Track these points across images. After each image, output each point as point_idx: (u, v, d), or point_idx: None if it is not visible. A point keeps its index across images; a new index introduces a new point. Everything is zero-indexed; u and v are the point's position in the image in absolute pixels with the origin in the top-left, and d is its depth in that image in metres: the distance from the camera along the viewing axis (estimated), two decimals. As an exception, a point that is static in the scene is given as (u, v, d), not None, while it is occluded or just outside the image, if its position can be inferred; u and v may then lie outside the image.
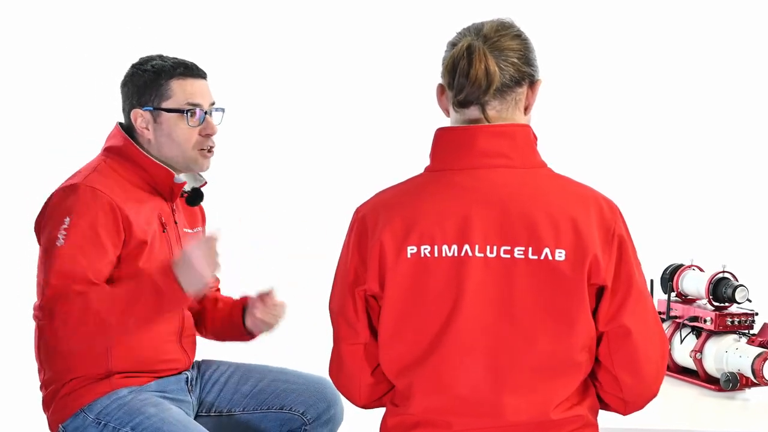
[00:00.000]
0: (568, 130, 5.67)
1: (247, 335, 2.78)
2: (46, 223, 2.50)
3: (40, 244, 2.53)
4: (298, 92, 5.82)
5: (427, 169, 2.07)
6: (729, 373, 2.65)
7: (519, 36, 2.04)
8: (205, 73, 2.66)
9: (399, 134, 5.59)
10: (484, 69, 1.98)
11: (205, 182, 2.75)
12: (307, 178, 5.84)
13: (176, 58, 2.63)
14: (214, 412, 2.75)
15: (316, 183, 5.82)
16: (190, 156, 2.62)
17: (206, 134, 2.62)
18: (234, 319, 2.76)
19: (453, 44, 2.04)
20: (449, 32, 2.07)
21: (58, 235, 2.44)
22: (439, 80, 2.06)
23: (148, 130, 2.60)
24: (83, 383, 2.54)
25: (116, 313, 2.38)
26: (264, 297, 2.71)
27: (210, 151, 2.65)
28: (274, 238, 5.53)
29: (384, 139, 5.77)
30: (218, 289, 2.92)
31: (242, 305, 2.77)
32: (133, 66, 2.65)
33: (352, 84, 5.81)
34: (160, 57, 2.63)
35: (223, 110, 2.68)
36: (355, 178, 5.52)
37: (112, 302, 2.39)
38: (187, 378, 2.68)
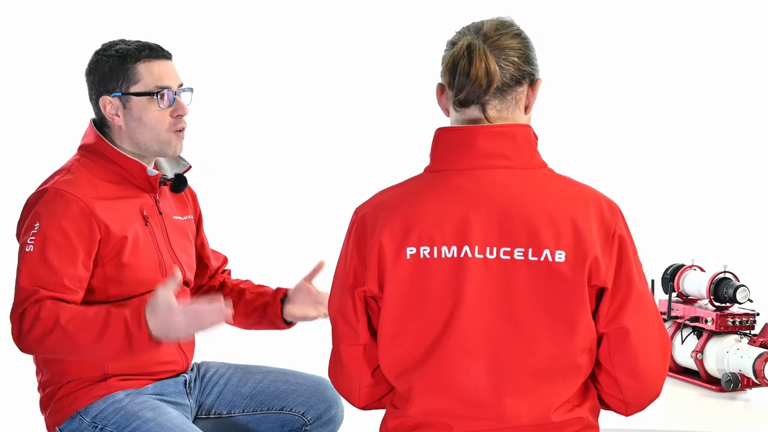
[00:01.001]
0: (568, 129, 5.66)
1: (284, 325, 2.78)
2: (19, 230, 2.50)
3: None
4: (298, 92, 5.80)
5: (426, 170, 2.06)
6: (730, 373, 2.64)
7: (519, 35, 2.03)
8: (170, 54, 2.61)
9: (399, 134, 5.58)
10: (485, 68, 1.97)
11: (189, 167, 2.71)
12: (307, 178, 5.83)
13: (140, 41, 2.59)
14: (214, 414, 2.74)
15: (316, 183, 5.81)
16: (164, 138, 2.57)
17: (178, 115, 2.58)
18: (270, 309, 2.75)
19: (453, 43, 2.03)
20: (449, 31, 2.07)
21: (28, 241, 2.42)
22: (439, 80, 2.06)
23: (119, 116, 2.57)
24: (80, 386, 2.52)
25: (84, 338, 2.35)
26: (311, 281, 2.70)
27: (182, 131, 2.60)
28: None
29: (384, 139, 5.75)
30: (228, 272, 2.90)
31: (280, 297, 2.75)
32: (97, 53, 2.60)
33: (351, 83, 5.80)
34: (123, 41, 2.59)
35: (191, 90, 2.63)
36: (355, 178, 5.51)
37: (82, 325, 2.35)
38: (186, 380, 2.67)
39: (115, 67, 2.55)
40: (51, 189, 2.48)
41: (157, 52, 2.58)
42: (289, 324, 2.78)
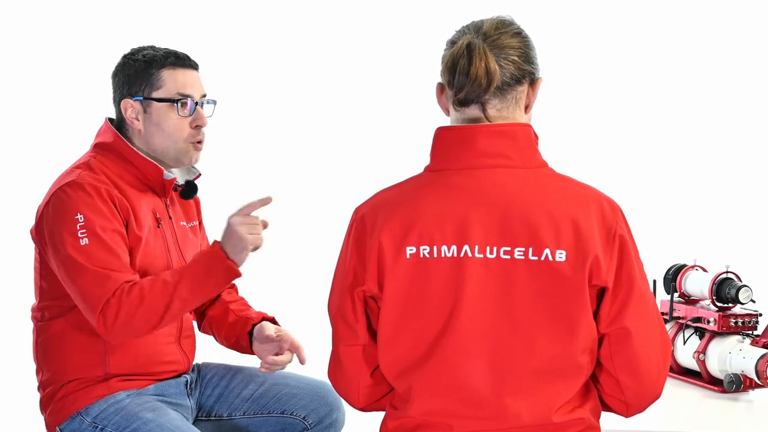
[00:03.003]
0: (569, 129, 5.66)
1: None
2: (54, 227, 2.45)
3: (44, 247, 2.48)
4: (299, 91, 5.80)
5: (426, 169, 2.05)
6: (732, 374, 2.63)
7: (519, 34, 2.02)
8: (196, 64, 2.63)
9: (399, 134, 5.58)
10: (485, 67, 1.96)
11: (199, 174, 2.73)
12: (307, 178, 5.82)
13: (167, 49, 2.61)
14: (215, 416, 2.73)
15: (316, 182, 5.81)
16: (181, 147, 2.59)
17: (197, 125, 2.59)
18: (241, 343, 2.73)
19: (452, 42, 2.02)
20: (449, 30, 2.06)
21: (79, 234, 2.41)
22: (439, 79, 2.05)
23: (138, 120, 2.58)
24: (81, 386, 2.52)
25: (170, 288, 2.40)
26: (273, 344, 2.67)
27: (200, 143, 2.62)
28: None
29: (384, 139, 5.75)
30: (234, 287, 2.89)
31: (250, 328, 2.72)
32: (124, 56, 2.62)
33: (351, 84, 5.80)
34: (152, 47, 2.61)
35: (214, 102, 2.65)
36: (355, 178, 5.50)
37: (164, 282, 2.41)
38: (187, 381, 2.66)
39: (140, 71, 2.57)
40: (77, 182, 2.47)
41: (183, 61, 2.60)
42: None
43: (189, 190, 2.70)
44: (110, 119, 2.64)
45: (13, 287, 4.23)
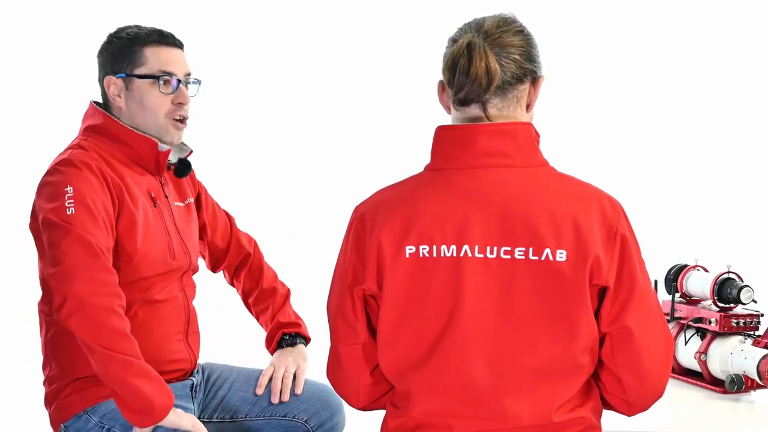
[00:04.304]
0: (571, 128, 5.65)
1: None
2: (43, 203, 2.42)
3: (37, 227, 2.44)
4: (299, 91, 5.80)
5: (427, 168, 2.04)
6: (734, 374, 2.63)
7: (521, 32, 2.01)
8: (181, 43, 2.62)
9: (399, 134, 5.57)
10: (485, 66, 1.95)
11: (191, 151, 2.71)
12: (307, 177, 5.82)
13: (153, 27, 2.60)
14: (217, 418, 2.72)
15: (316, 182, 5.81)
16: (161, 125, 2.58)
17: (178, 102, 2.58)
18: (268, 341, 2.80)
19: (454, 41, 2.01)
20: (451, 28, 2.05)
21: (66, 204, 2.38)
22: (440, 77, 2.04)
23: (120, 97, 2.58)
24: (88, 384, 2.50)
25: (125, 358, 2.31)
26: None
27: (182, 122, 2.60)
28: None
29: (384, 138, 5.75)
30: (259, 259, 2.90)
31: (277, 342, 2.78)
32: (110, 35, 2.62)
33: (352, 82, 5.79)
34: (137, 26, 2.61)
35: (199, 82, 2.64)
36: (355, 177, 5.50)
37: (131, 354, 2.32)
38: (192, 384, 2.65)
39: (123, 49, 2.57)
40: (68, 159, 2.46)
41: (167, 38, 2.59)
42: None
43: (183, 168, 2.69)
44: (95, 102, 2.63)
45: (11, 285, 4.22)
